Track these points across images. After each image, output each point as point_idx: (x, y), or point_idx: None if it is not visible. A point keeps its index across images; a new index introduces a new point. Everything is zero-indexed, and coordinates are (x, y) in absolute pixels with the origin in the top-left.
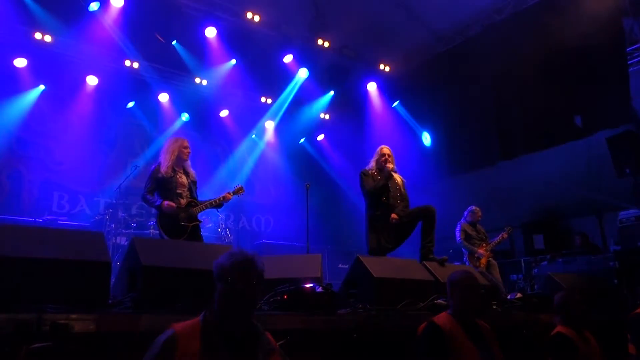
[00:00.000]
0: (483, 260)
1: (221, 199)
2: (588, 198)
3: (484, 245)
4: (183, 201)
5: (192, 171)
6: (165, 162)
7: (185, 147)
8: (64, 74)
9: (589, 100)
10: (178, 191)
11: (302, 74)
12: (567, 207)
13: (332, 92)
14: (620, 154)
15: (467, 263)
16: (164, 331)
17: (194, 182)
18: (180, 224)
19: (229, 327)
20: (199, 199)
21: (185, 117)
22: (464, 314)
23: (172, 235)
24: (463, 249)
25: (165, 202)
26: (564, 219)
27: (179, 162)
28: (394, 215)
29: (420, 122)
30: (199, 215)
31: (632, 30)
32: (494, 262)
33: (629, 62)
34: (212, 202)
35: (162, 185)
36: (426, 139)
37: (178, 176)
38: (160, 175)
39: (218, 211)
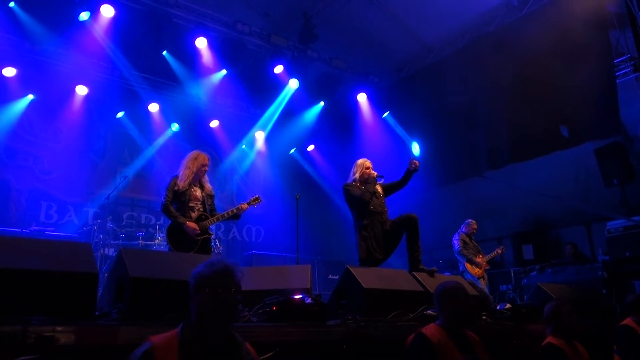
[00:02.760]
0: (481, 270)
1: (234, 210)
2: (576, 208)
3: (481, 255)
4: (194, 214)
5: (208, 185)
6: (183, 178)
7: (204, 166)
8: (53, 83)
9: (578, 111)
10: (190, 205)
11: (293, 84)
12: (556, 217)
13: (322, 103)
14: (608, 165)
15: (466, 271)
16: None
17: (210, 196)
18: (190, 238)
19: (208, 339)
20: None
21: (175, 127)
22: (454, 324)
23: (182, 249)
24: (460, 258)
25: (191, 225)
26: (552, 229)
27: (195, 177)
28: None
29: (409, 132)
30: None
31: (618, 43)
32: (485, 274)
33: (616, 74)
34: (224, 215)
35: (176, 197)
36: (415, 148)
37: (192, 190)
38: (176, 187)
39: (235, 223)
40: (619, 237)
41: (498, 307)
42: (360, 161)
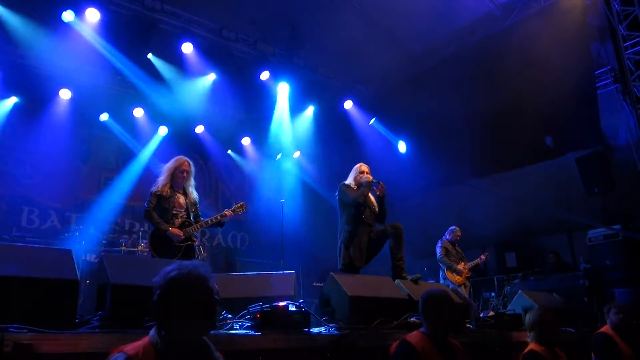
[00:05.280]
0: (462, 277)
1: (218, 217)
2: (558, 217)
3: (463, 263)
4: (178, 221)
5: (192, 192)
6: (161, 181)
7: (182, 172)
8: (37, 86)
9: (561, 122)
10: (174, 212)
11: (280, 90)
12: (538, 225)
13: (309, 109)
14: (589, 174)
15: (445, 278)
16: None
17: (194, 203)
18: (173, 244)
19: (184, 346)
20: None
21: (161, 132)
22: (439, 332)
23: (165, 255)
24: (441, 265)
25: (175, 231)
26: (535, 237)
27: (177, 183)
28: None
29: (395, 139)
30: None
31: (599, 55)
32: (467, 282)
33: (597, 85)
34: (207, 222)
35: (160, 203)
36: (402, 146)
37: (176, 196)
38: (158, 192)
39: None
40: (600, 246)
41: (481, 315)
42: (356, 166)
